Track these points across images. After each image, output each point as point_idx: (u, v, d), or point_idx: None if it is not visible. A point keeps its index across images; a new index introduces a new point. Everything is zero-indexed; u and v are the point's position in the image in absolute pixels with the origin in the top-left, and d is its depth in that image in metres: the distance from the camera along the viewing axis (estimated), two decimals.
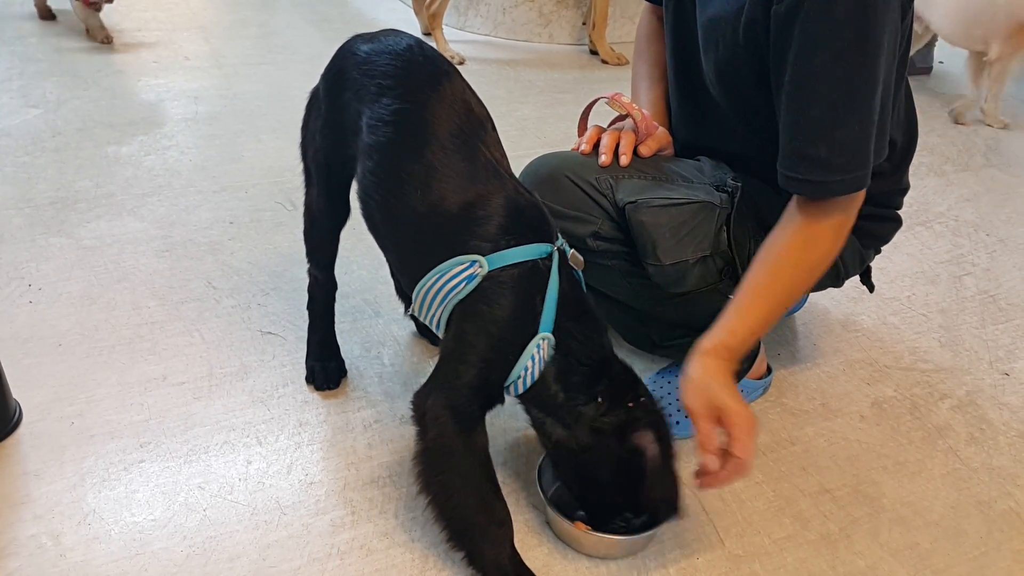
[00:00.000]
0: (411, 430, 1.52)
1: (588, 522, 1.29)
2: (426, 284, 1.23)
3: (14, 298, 1.81)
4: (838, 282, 1.59)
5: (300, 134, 1.51)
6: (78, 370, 1.61)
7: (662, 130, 1.56)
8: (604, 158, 1.46)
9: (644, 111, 1.53)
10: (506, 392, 1.24)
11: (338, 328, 1.68)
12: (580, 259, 1.27)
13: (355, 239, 1.70)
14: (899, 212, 1.57)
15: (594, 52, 3.79)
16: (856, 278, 1.64)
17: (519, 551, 1.25)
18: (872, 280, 1.69)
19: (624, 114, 1.53)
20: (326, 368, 1.62)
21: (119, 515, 1.32)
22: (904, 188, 1.54)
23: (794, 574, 1.31)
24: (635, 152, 1.49)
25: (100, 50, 3.37)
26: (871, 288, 1.70)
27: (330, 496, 1.38)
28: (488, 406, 1.25)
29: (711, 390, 1.20)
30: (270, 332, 1.76)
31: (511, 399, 1.26)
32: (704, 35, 1.41)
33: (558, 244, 1.23)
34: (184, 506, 1.34)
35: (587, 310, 1.23)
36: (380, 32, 1.40)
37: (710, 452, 1.19)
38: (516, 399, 1.26)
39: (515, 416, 1.54)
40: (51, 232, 2.07)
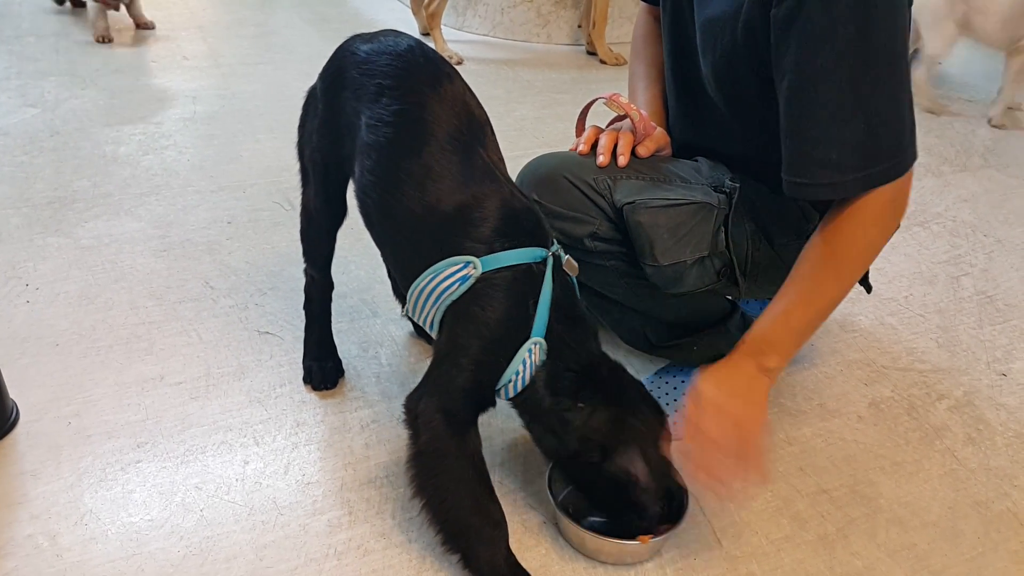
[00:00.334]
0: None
1: (603, 526, 1.28)
2: (420, 284, 1.23)
3: (11, 298, 1.81)
4: None
5: (297, 133, 1.51)
6: (75, 370, 1.61)
7: (660, 130, 1.56)
8: (602, 158, 1.46)
9: (642, 111, 1.52)
10: (497, 396, 1.25)
11: (335, 328, 1.68)
12: (575, 265, 1.26)
13: (353, 239, 1.70)
14: None
15: (591, 52, 3.79)
16: None
17: (516, 552, 1.25)
18: (869, 281, 1.69)
19: (622, 114, 1.53)
20: (323, 368, 1.61)
21: (116, 515, 1.32)
22: None
23: (791, 575, 1.31)
24: (633, 152, 1.49)
25: (98, 50, 3.37)
26: (868, 289, 1.70)
27: (327, 496, 1.38)
28: (480, 409, 1.25)
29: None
30: (267, 332, 1.75)
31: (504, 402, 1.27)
32: (702, 36, 1.40)
33: (553, 249, 1.23)
34: (181, 506, 1.34)
35: (579, 316, 1.23)
36: (379, 32, 1.39)
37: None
38: (508, 402, 1.26)
39: (512, 417, 1.53)
40: (49, 232, 2.07)
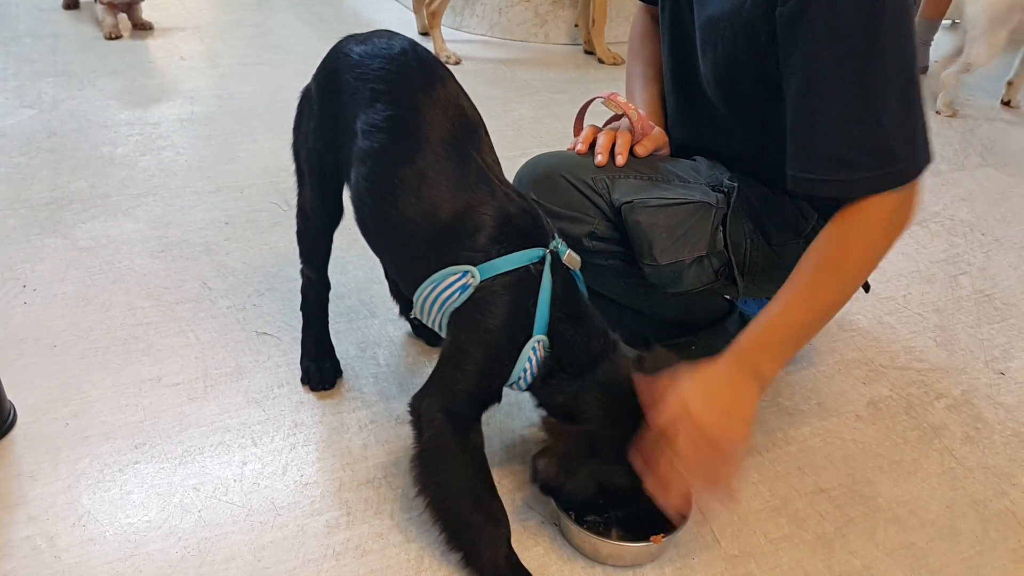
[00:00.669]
0: (407, 430, 1.52)
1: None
2: (423, 292, 1.25)
3: (9, 299, 1.80)
4: None
5: (292, 134, 1.51)
6: (73, 371, 1.61)
7: (658, 130, 1.56)
8: (600, 158, 1.45)
9: (640, 111, 1.52)
10: (510, 388, 1.26)
11: (333, 328, 1.68)
12: (576, 258, 1.26)
13: (351, 239, 1.70)
14: None
15: (589, 52, 3.79)
16: None
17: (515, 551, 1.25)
18: (868, 280, 1.69)
19: (620, 114, 1.52)
20: (321, 369, 1.61)
21: (114, 516, 1.31)
22: None
23: (790, 574, 1.31)
24: (631, 152, 1.49)
25: (96, 50, 3.36)
26: (867, 288, 1.70)
27: (325, 497, 1.38)
28: (484, 408, 1.26)
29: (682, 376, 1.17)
30: (265, 333, 1.75)
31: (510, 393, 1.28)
32: (702, 35, 1.40)
33: (552, 246, 1.23)
34: (179, 507, 1.34)
35: (581, 310, 1.23)
36: (373, 33, 1.39)
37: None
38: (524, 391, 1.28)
39: (511, 416, 1.54)
40: (46, 233, 2.07)
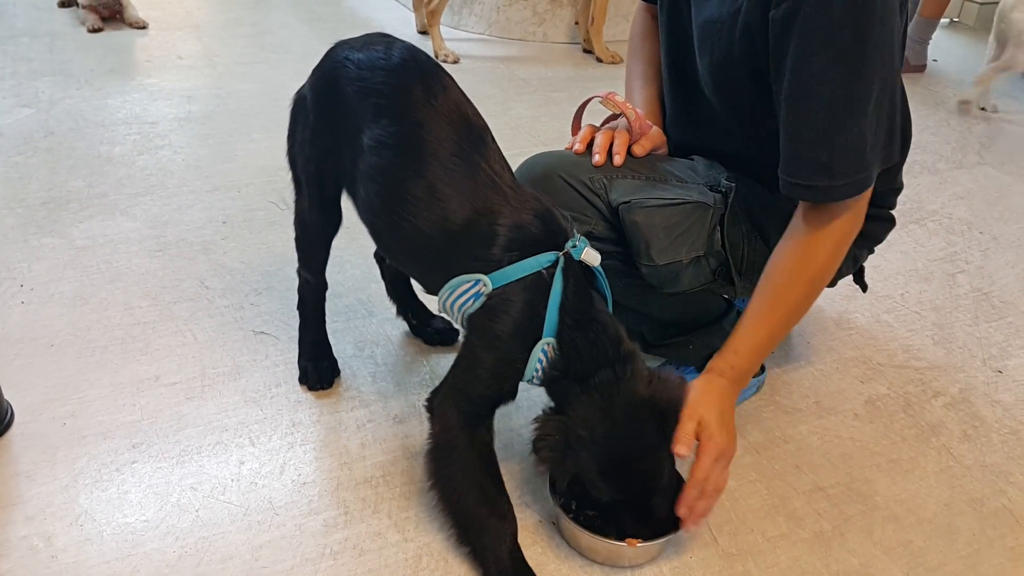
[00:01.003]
0: (405, 429, 1.54)
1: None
2: (442, 297, 1.27)
3: (6, 299, 1.80)
4: (831, 282, 1.58)
5: (287, 142, 1.49)
6: (70, 371, 1.60)
7: (656, 129, 1.56)
8: (598, 158, 1.45)
9: (638, 110, 1.52)
10: (528, 383, 1.27)
11: (331, 327, 1.67)
12: (595, 255, 1.24)
13: (348, 238, 1.70)
14: (892, 212, 1.57)
15: (588, 51, 3.79)
16: (849, 278, 1.65)
17: None
18: (865, 279, 1.69)
19: (618, 113, 1.52)
20: (319, 368, 1.61)
21: (111, 516, 1.31)
22: (898, 188, 1.54)
23: (787, 572, 1.31)
24: (629, 152, 1.49)
25: (93, 50, 3.36)
26: (864, 288, 1.70)
27: (323, 496, 1.38)
28: (496, 405, 1.29)
29: (700, 407, 1.24)
30: (263, 332, 1.75)
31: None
32: (699, 37, 1.40)
33: (568, 246, 1.22)
34: (176, 507, 1.34)
35: (591, 315, 1.21)
36: (369, 39, 1.38)
37: (685, 449, 1.22)
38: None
39: (509, 416, 1.54)
40: (43, 232, 2.06)
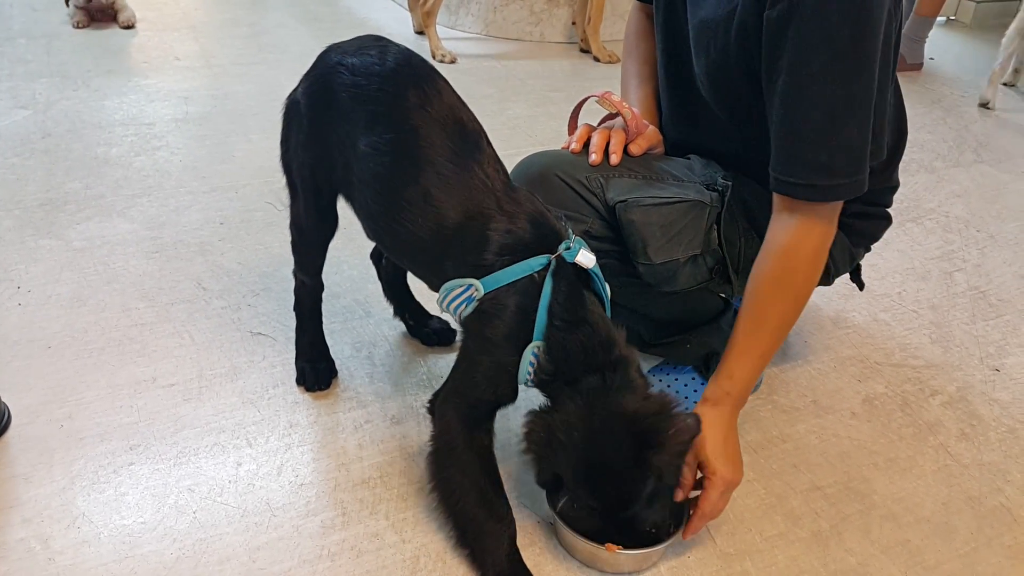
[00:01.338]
0: (402, 430, 1.54)
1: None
2: (440, 298, 1.28)
3: (3, 300, 1.80)
4: (828, 280, 1.58)
5: (280, 147, 1.49)
6: (67, 372, 1.60)
7: (652, 128, 1.56)
8: (594, 157, 1.45)
9: (634, 109, 1.52)
10: (524, 385, 1.26)
11: (328, 328, 1.67)
12: (590, 257, 1.22)
13: (346, 239, 1.70)
14: (889, 210, 1.57)
15: (585, 50, 3.79)
16: (846, 276, 1.65)
17: None
18: (862, 278, 1.69)
19: (614, 112, 1.52)
20: (316, 369, 1.61)
21: (109, 518, 1.31)
22: (894, 186, 1.54)
23: (785, 571, 1.31)
24: (625, 151, 1.49)
25: (90, 51, 3.35)
26: (861, 286, 1.70)
27: (320, 497, 1.38)
28: (495, 408, 1.29)
29: (700, 442, 1.25)
30: (260, 333, 1.75)
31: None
32: (695, 37, 1.40)
33: (561, 248, 1.21)
34: (174, 508, 1.34)
35: (581, 318, 1.19)
36: (362, 42, 1.37)
37: (683, 495, 1.27)
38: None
39: (508, 418, 1.53)
40: (40, 234, 2.06)
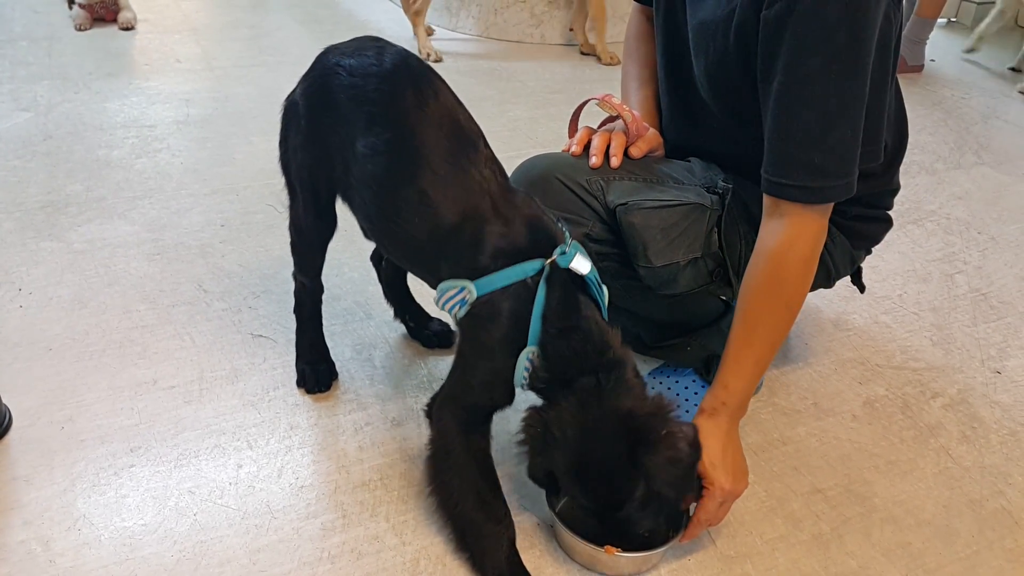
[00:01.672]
0: (402, 432, 1.54)
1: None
2: (436, 297, 1.28)
3: (4, 303, 1.80)
4: (829, 283, 1.59)
5: (279, 148, 1.50)
6: (68, 374, 1.60)
7: (653, 131, 1.56)
8: (595, 159, 1.45)
9: (635, 112, 1.52)
10: (520, 388, 1.26)
11: (329, 330, 1.67)
12: (585, 264, 1.21)
13: (346, 241, 1.70)
14: (889, 212, 1.57)
15: (585, 53, 3.79)
16: (847, 278, 1.64)
17: None
18: (863, 280, 1.69)
19: (615, 115, 1.52)
20: (317, 371, 1.61)
21: (109, 520, 1.31)
22: (895, 188, 1.54)
23: (786, 574, 1.31)
24: (626, 153, 1.49)
25: (91, 53, 3.36)
26: (862, 289, 1.70)
27: (320, 500, 1.38)
28: (492, 411, 1.30)
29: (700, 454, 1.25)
30: (261, 335, 1.75)
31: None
32: (694, 39, 1.40)
33: (556, 253, 1.20)
34: (174, 511, 1.34)
35: (574, 323, 1.18)
36: (359, 44, 1.38)
37: (684, 505, 1.28)
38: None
39: (506, 419, 1.53)
40: (42, 236, 2.06)
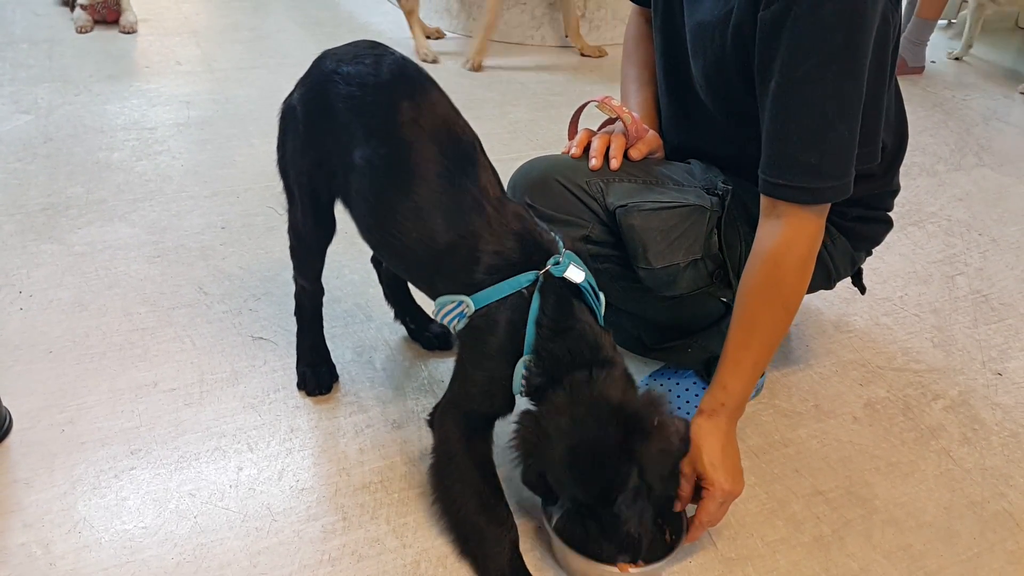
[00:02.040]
0: (403, 435, 1.54)
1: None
2: (435, 311, 1.29)
3: (5, 305, 1.80)
4: (829, 284, 1.59)
5: (277, 152, 1.50)
6: (69, 377, 1.60)
7: (652, 133, 1.56)
8: (594, 161, 1.45)
9: (634, 114, 1.52)
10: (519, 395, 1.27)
11: (329, 333, 1.67)
12: (579, 273, 1.22)
13: (347, 243, 1.70)
14: (890, 214, 1.57)
15: (585, 55, 3.79)
16: (848, 280, 1.64)
17: None
18: (864, 282, 1.69)
19: (614, 117, 1.52)
20: (317, 373, 1.61)
21: (109, 523, 1.31)
22: (895, 190, 1.54)
23: None
24: (625, 155, 1.49)
25: (92, 55, 3.36)
26: (863, 290, 1.70)
27: (321, 502, 1.38)
28: (492, 418, 1.31)
29: (697, 454, 1.26)
30: (261, 337, 1.75)
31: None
32: (692, 40, 1.40)
33: (551, 262, 1.21)
34: (175, 513, 1.34)
35: (568, 324, 1.20)
36: (357, 49, 1.38)
37: (681, 506, 1.29)
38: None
39: (505, 422, 1.53)
40: (42, 239, 2.06)
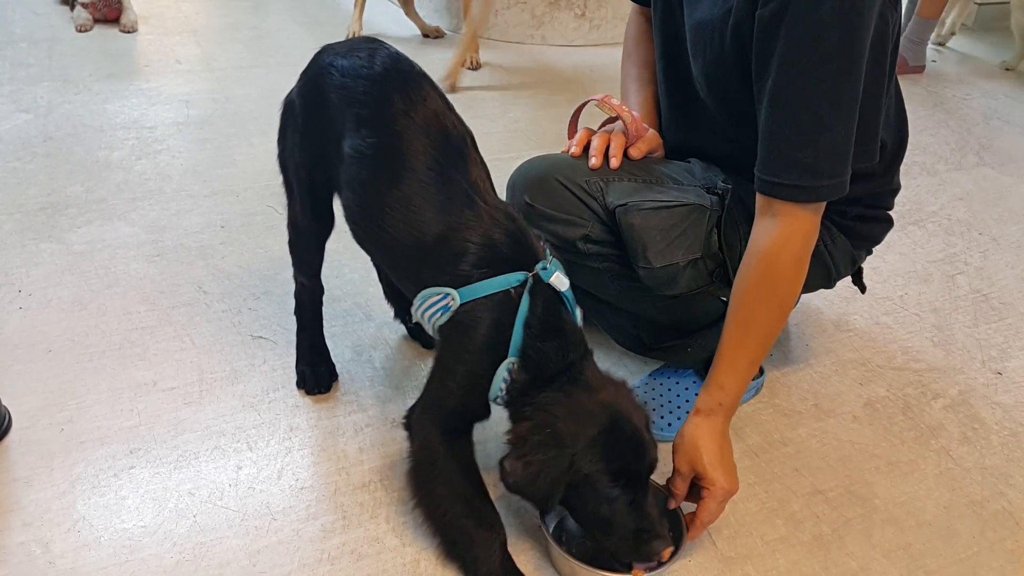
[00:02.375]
0: (402, 433, 1.52)
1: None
2: (415, 305, 1.28)
3: (4, 304, 1.80)
4: (829, 283, 1.59)
5: (277, 146, 1.51)
6: (68, 376, 1.60)
7: (652, 132, 1.56)
8: (594, 160, 1.45)
9: (634, 113, 1.52)
10: (492, 403, 1.26)
11: (329, 332, 1.67)
12: (564, 281, 1.23)
13: (346, 242, 1.69)
14: (890, 213, 1.57)
15: (584, 55, 3.78)
16: (848, 279, 1.64)
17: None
18: (864, 281, 1.69)
19: (614, 116, 1.52)
20: (317, 372, 1.61)
21: (109, 522, 1.31)
22: (895, 189, 1.54)
23: None
24: (625, 154, 1.49)
25: (91, 54, 3.36)
26: (863, 289, 1.70)
27: (320, 501, 1.38)
28: (473, 419, 1.30)
29: (697, 454, 1.27)
30: (261, 336, 1.75)
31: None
32: (692, 39, 1.40)
33: (540, 266, 1.22)
34: (174, 512, 1.34)
35: (556, 325, 1.20)
36: (354, 44, 1.39)
37: (675, 504, 1.31)
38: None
39: (495, 424, 1.53)
40: (41, 238, 2.06)
